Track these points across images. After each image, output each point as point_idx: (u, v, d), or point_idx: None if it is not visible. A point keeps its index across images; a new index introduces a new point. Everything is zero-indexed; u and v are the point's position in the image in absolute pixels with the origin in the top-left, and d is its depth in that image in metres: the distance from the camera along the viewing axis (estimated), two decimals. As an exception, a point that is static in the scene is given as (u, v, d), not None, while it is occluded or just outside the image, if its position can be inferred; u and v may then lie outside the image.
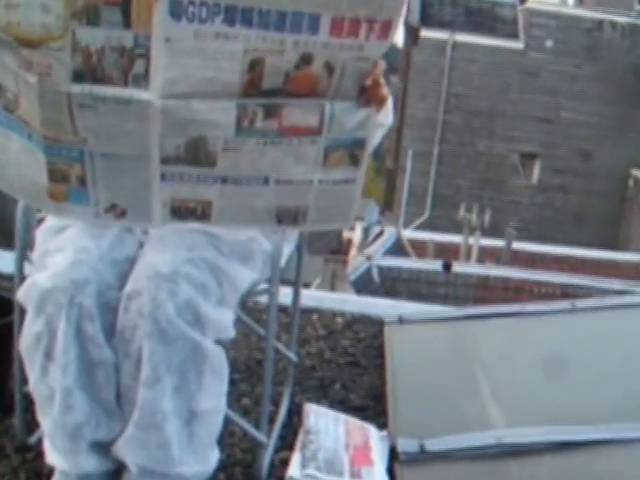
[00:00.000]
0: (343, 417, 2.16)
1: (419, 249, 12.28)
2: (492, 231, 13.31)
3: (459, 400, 2.26)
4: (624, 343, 2.61)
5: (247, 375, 2.52)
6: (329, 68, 1.35)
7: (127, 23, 1.27)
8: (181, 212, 1.50)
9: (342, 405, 2.39)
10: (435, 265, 10.77)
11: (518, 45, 17.03)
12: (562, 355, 2.48)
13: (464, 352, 2.62)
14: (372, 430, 2.11)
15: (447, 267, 10.68)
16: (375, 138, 1.54)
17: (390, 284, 10.49)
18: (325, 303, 3.19)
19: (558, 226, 17.30)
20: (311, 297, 3.22)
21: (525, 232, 15.18)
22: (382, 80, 1.42)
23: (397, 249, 11.94)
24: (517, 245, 12.14)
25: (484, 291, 10.61)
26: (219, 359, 1.52)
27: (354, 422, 2.15)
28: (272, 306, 1.70)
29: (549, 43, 17.24)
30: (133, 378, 1.45)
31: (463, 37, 16.82)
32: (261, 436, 1.81)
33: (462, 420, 2.12)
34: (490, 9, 17.22)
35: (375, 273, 10.47)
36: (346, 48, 1.33)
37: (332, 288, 10.03)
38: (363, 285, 9.92)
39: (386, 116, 1.59)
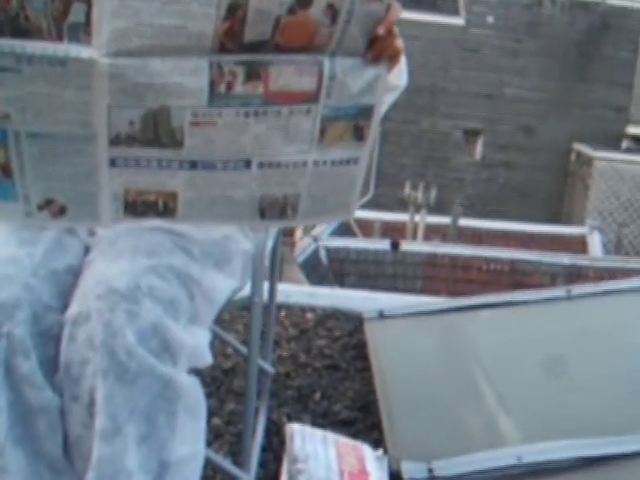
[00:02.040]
0: (332, 437, 1.85)
1: (365, 228, 12.13)
2: (437, 208, 13.18)
3: (463, 410, 1.97)
4: (633, 333, 2.34)
5: (214, 388, 2.20)
6: (332, 12, 1.03)
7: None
8: (137, 207, 1.17)
9: (326, 419, 2.09)
10: (383, 244, 10.61)
11: (459, 21, 16.86)
12: (567, 351, 2.22)
13: (457, 350, 2.34)
14: (366, 450, 1.81)
15: (395, 246, 10.54)
16: (384, 105, 1.22)
17: (338, 265, 10.35)
18: (292, 297, 2.87)
19: (503, 202, 17.28)
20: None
21: (470, 208, 15.09)
22: (396, 29, 1.10)
23: (343, 229, 11.79)
24: (463, 222, 12.08)
25: (432, 269, 10.55)
26: (194, 393, 1.19)
27: (345, 442, 1.85)
28: (254, 319, 1.38)
29: (490, 19, 17.14)
30: (85, 426, 1.11)
31: (404, 14, 16.56)
32: (245, 477, 1.48)
33: (471, 435, 1.83)
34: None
35: (323, 254, 10.28)
36: None
37: (280, 272, 9.77)
38: (311, 267, 9.73)
39: (399, 76, 1.27)
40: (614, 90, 17.66)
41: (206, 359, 1.21)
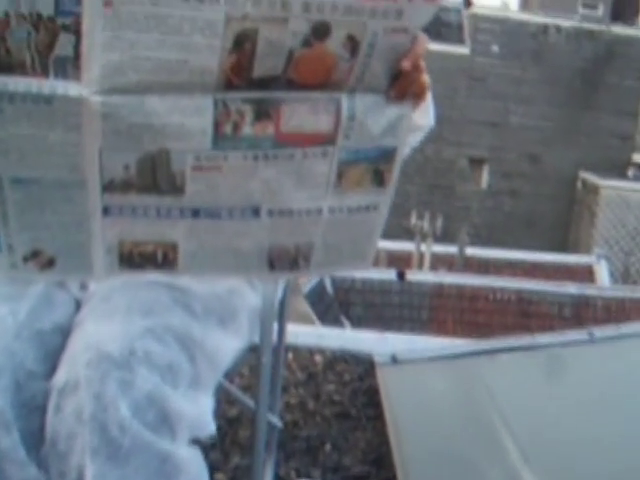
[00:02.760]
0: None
1: (371, 258, 12.01)
2: (444, 237, 13.13)
3: (483, 465, 1.83)
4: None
5: (218, 439, 2.06)
6: (352, 44, 0.91)
7: (43, -23, 0.82)
8: (134, 259, 1.05)
9: (337, 474, 1.96)
10: (389, 274, 10.52)
11: (464, 50, 16.89)
12: (592, 400, 2.08)
13: (476, 399, 2.21)
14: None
15: (401, 276, 10.48)
16: (408, 147, 1.10)
17: (344, 295, 10.28)
18: (300, 339, 2.74)
19: (508, 230, 17.24)
20: (283, 332, 2.77)
21: (476, 237, 15.04)
22: (423, 63, 0.98)
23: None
24: (469, 251, 12.05)
25: (439, 299, 10.52)
26: (196, 467, 1.06)
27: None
28: (263, 378, 1.25)
29: (495, 48, 17.17)
30: (72, 507, 0.99)
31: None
32: None
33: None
34: (436, 14, 17.05)
35: (328, 284, 10.21)
36: (379, 14, 0.90)
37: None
38: (317, 297, 9.65)
39: (425, 114, 1.15)
40: (620, 118, 17.65)
41: (209, 428, 1.08)
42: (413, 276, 10.53)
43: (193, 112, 0.92)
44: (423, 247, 12.29)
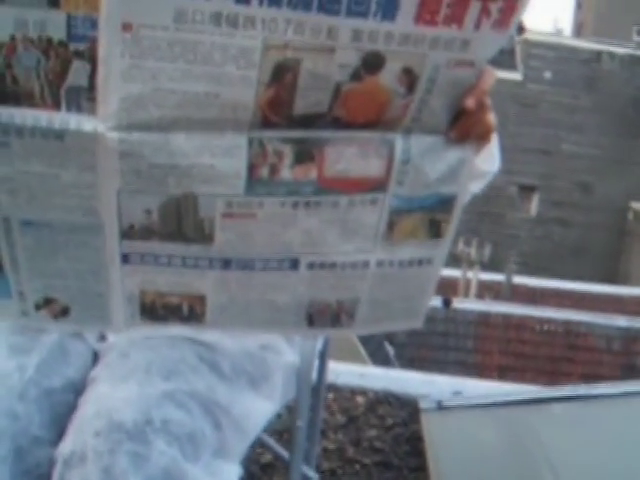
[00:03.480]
0: None
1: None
2: (491, 265, 12.92)
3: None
4: None
5: (250, 488, 1.93)
6: (409, 78, 0.79)
7: (54, -2, 0.72)
8: (157, 311, 0.94)
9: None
10: (434, 301, 10.33)
11: (516, 76, 16.69)
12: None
13: (527, 452, 2.05)
14: None
15: (447, 303, 10.28)
16: (468, 194, 0.97)
17: (388, 321, 10.10)
18: (341, 378, 2.61)
19: (557, 259, 16.93)
20: (323, 370, 2.64)
21: (524, 265, 14.78)
22: (489, 101, 0.86)
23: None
24: (517, 279, 11.82)
25: (485, 328, 10.30)
26: None
27: None
28: (298, 441, 1.12)
29: (547, 74, 16.96)
30: None
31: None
32: None
33: None
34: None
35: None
36: (441, 44, 0.77)
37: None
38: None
39: (490, 159, 1.01)
40: (673, 148, 17.27)
41: None
42: (459, 304, 10.34)
43: (224, 152, 0.80)
44: (470, 274, 12.10)
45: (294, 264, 0.91)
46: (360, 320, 0.99)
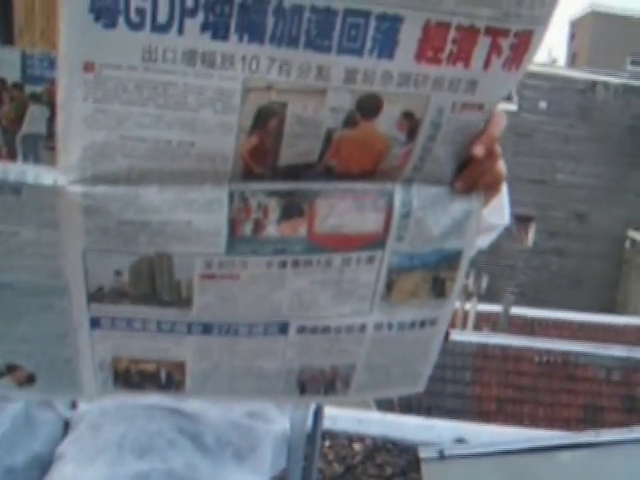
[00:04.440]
0: None
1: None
2: (488, 296, 12.83)
3: None
4: None
5: None
6: (409, 124, 0.70)
7: (6, 34, 0.63)
8: (132, 378, 0.84)
9: None
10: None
11: (511, 106, 16.68)
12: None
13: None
14: None
15: (445, 336, 10.15)
16: (475, 249, 0.87)
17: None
18: (339, 424, 2.50)
19: (555, 289, 16.84)
20: (320, 416, 2.53)
21: (521, 296, 14.69)
22: (499, 148, 0.77)
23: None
24: (514, 310, 11.73)
25: (483, 360, 10.18)
26: None
27: None
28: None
29: (542, 104, 16.98)
30: None
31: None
32: None
33: None
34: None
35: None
36: (445, 85, 0.68)
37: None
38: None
39: (499, 211, 0.92)
40: (668, 176, 17.27)
41: None
42: (456, 336, 10.23)
43: (202, 207, 0.71)
44: (467, 306, 12.00)
45: (283, 328, 0.82)
46: (356, 387, 0.90)
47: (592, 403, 9.01)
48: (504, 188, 0.87)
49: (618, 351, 9.59)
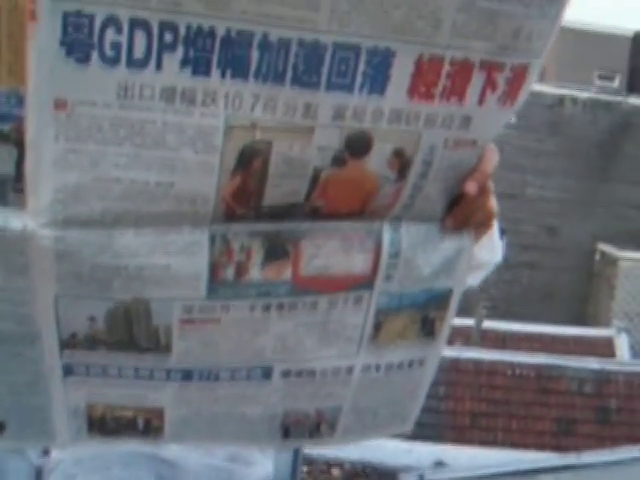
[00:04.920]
0: None
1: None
2: (459, 310, 12.81)
3: None
4: None
5: None
6: (400, 162, 0.67)
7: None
8: (108, 425, 0.80)
9: None
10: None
11: (481, 121, 16.84)
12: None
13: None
14: None
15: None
16: (465, 286, 0.84)
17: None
18: (316, 449, 2.45)
19: (526, 303, 16.91)
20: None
21: (493, 310, 14.71)
22: (491, 184, 0.74)
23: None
24: (486, 324, 11.76)
25: (456, 374, 10.18)
26: None
27: None
28: None
29: (512, 119, 17.12)
30: None
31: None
32: None
33: None
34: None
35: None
36: (439, 122, 0.65)
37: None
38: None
39: (490, 248, 0.88)
40: (637, 189, 17.49)
41: None
42: (429, 351, 10.24)
43: (181, 251, 0.67)
44: (440, 321, 12.04)
45: (266, 373, 0.78)
46: (343, 430, 0.86)
47: (565, 416, 9.05)
48: (495, 224, 0.84)
49: (590, 363, 9.65)
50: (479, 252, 0.81)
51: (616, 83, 20.40)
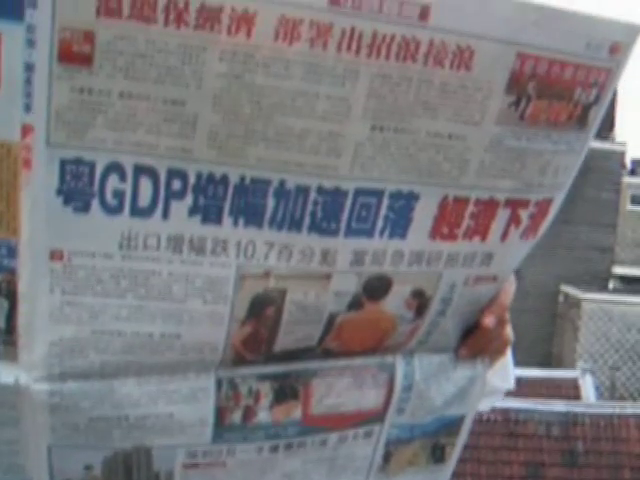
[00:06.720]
0: None
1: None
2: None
3: None
4: None
5: None
6: (418, 302, 0.63)
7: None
8: None
9: None
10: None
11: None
12: None
13: None
14: None
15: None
16: (475, 411, 0.80)
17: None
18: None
19: (492, 345, 16.96)
20: None
21: (460, 353, 14.75)
22: (507, 315, 0.71)
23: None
24: (454, 367, 11.75)
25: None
26: None
27: None
28: None
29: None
30: None
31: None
32: None
33: None
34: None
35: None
36: (460, 261, 0.62)
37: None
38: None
39: (504, 374, 0.85)
40: (599, 231, 17.72)
41: None
42: (396, 395, 10.19)
43: (186, 398, 0.63)
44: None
45: None
46: None
47: (533, 459, 9.02)
48: (509, 353, 0.80)
49: (557, 406, 9.64)
50: (492, 378, 0.78)
51: (575, 127, 20.79)
